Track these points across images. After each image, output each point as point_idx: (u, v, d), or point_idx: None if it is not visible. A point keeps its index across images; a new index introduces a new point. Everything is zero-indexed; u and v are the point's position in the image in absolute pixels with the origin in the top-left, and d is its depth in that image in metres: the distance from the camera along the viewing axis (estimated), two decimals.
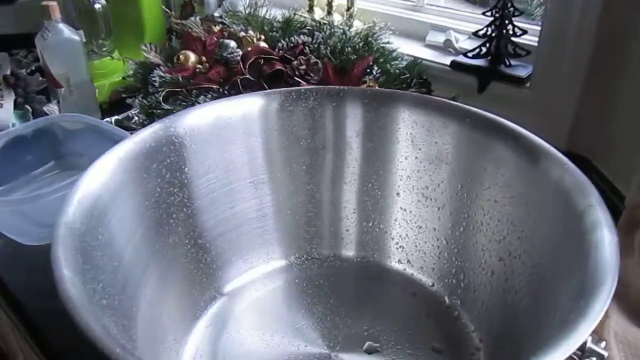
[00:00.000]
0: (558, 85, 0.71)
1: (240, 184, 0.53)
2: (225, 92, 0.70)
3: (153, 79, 0.77)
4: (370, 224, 0.57)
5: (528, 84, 0.74)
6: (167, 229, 0.48)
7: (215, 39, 0.79)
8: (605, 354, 0.30)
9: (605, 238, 0.34)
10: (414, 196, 0.54)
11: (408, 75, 0.73)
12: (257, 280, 0.55)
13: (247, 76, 0.72)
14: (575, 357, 0.30)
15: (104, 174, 0.42)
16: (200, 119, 0.50)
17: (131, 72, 0.84)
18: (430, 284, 0.54)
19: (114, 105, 0.87)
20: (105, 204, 0.41)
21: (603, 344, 0.30)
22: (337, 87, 0.54)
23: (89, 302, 0.31)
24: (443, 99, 0.52)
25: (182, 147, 0.49)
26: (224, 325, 0.50)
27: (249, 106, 0.52)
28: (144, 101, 0.76)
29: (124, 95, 0.85)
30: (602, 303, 0.30)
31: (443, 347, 0.48)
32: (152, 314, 0.44)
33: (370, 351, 0.48)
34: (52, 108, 0.86)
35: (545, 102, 0.72)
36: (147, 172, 0.46)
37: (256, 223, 0.55)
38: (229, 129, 0.52)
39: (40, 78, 0.88)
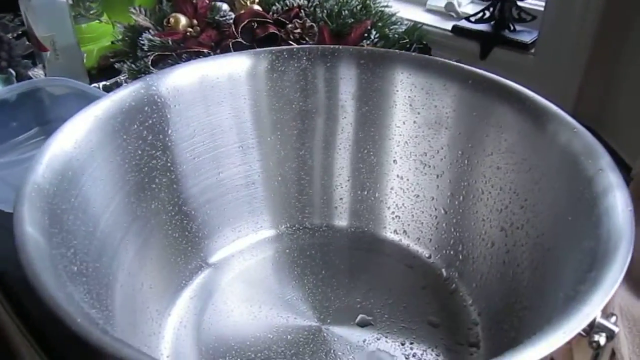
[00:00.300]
0: (564, 52, 0.68)
1: (228, 148, 0.50)
2: None
3: (142, 42, 0.74)
4: (365, 193, 0.54)
5: (533, 50, 0.72)
6: (149, 195, 0.45)
7: (207, 1, 0.76)
8: (616, 329, 0.27)
9: (618, 203, 0.32)
10: (412, 163, 0.52)
11: (407, 40, 0.70)
12: (246, 250, 0.53)
13: (240, 40, 0.69)
14: (583, 333, 0.27)
15: (78, 133, 0.39)
16: (184, 78, 0.47)
17: (120, 36, 0.81)
18: (427, 255, 0.52)
19: (103, 70, 0.84)
20: (80, 165, 0.38)
21: (613, 318, 0.27)
22: (331, 46, 0.51)
23: (53, 266, 0.29)
24: (444, 60, 0.49)
25: (165, 107, 0.46)
26: (209, 296, 0.48)
27: (236, 66, 0.49)
28: (133, 66, 0.73)
29: (112, 60, 0.82)
30: (616, 272, 0.27)
31: (439, 321, 0.46)
32: (132, 284, 0.42)
33: (363, 324, 0.46)
34: (37, 72, 0.83)
35: (551, 70, 0.69)
36: (126, 133, 0.43)
37: (245, 190, 0.52)
38: (215, 90, 0.48)
39: (27, 42, 0.84)
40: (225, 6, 0.74)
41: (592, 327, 0.27)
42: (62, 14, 0.76)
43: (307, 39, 0.68)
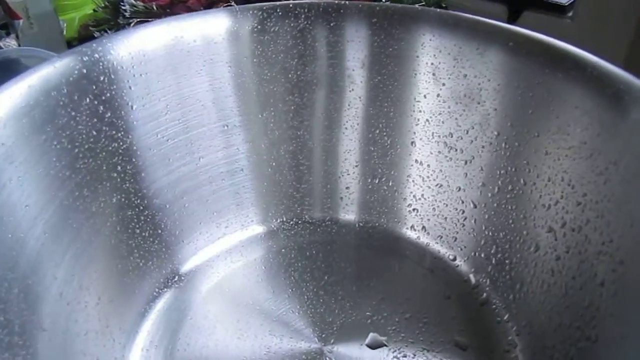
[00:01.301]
0: (607, 16, 0.59)
1: (209, 128, 0.41)
2: None
3: (124, 8, 0.65)
4: (377, 181, 0.45)
5: (570, 14, 0.63)
6: (108, 186, 0.36)
7: None
8: None
9: None
10: (434, 146, 0.42)
11: (424, 3, 0.61)
12: (232, 250, 0.44)
13: (233, 4, 0.60)
14: None
15: (2, 110, 0.30)
16: (152, 41, 0.38)
17: (103, 3, 0.72)
18: (451, 257, 0.43)
19: (84, 41, 0.75)
20: (5, 152, 0.29)
21: None
22: (335, 1, 0.42)
23: None
24: (478, 17, 0.39)
25: (127, 77, 0.37)
26: (186, 309, 0.39)
27: (216, 26, 0.40)
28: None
29: (91, 29, 0.73)
30: None
31: (468, 342, 0.37)
32: (83, 299, 0.33)
33: (374, 346, 0.37)
34: (9, 42, 0.75)
35: (591, 36, 0.60)
36: (75, 109, 0.34)
37: (230, 178, 0.43)
38: (191, 56, 0.39)
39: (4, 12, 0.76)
40: None
41: None
42: None
43: None
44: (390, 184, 0.45)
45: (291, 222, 0.46)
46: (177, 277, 0.41)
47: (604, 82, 0.32)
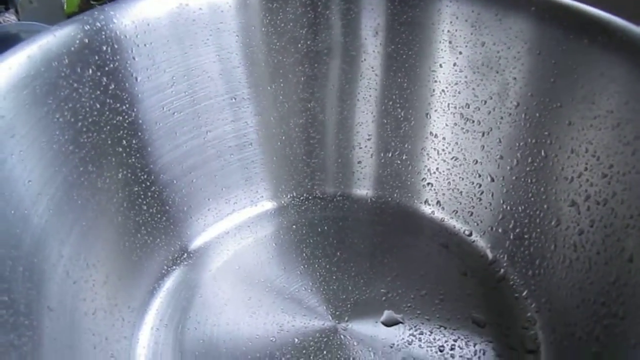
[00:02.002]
0: None
1: (217, 100, 0.40)
2: None
3: None
4: (390, 154, 0.44)
5: None
6: (113, 161, 0.35)
7: None
8: None
9: None
10: (450, 117, 0.41)
11: None
12: (242, 226, 0.43)
13: None
14: None
15: (1, 82, 0.28)
16: (156, 9, 0.36)
17: None
18: (467, 232, 0.42)
19: None
20: (5, 125, 0.28)
21: None
22: None
23: None
24: None
25: (131, 47, 0.35)
26: (196, 287, 0.38)
27: None
28: None
29: (92, 2, 0.71)
30: None
31: (485, 319, 0.36)
32: (91, 277, 0.32)
33: (389, 323, 0.36)
34: (8, 17, 0.73)
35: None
36: (78, 80, 0.32)
37: (239, 153, 0.42)
38: (197, 25, 0.37)
39: None
40: None
41: None
42: None
43: None
44: (404, 157, 0.43)
45: (302, 198, 0.44)
46: (186, 254, 0.40)
47: (634, 47, 0.30)
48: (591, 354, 0.30)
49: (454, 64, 0.39)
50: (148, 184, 0.38)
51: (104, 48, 0.34)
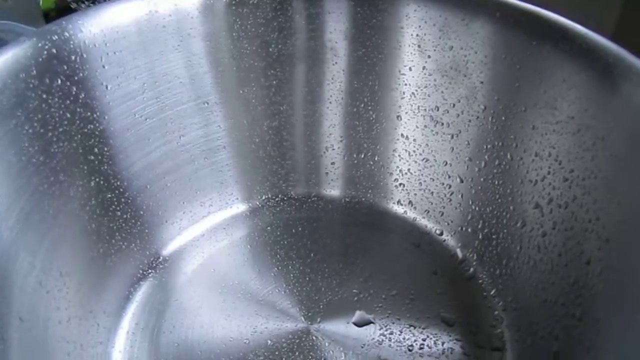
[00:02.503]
0: None
1: (189, 105, 0.40)
2: None
3: None
4: (362, 156, 0.44)
5: None
6: (85, 169, 0.35)
7: None
8: None
9: None
10: (420, 120, 0.41)
11: None
12: (217, 229, 0.43)
13: None
14: None
15: None
16: (123, 17, 0.36)
17: None
18: (439, 232, 0.43)
19: (62, 12, 0.72)
20: None
21: None
22: None
23: None
24: None
25: (100, 56, 0.35)
26: (172, 291, 0.39)
27: None
28: (92, 5, 0.62)
29: (68, 0, 0.71)
30: None
31: (454, 318, 0.37)
32: (64, 285, 0.33)
33: (361, 324, 0.37)
34: None
35: (580, 7, 0.58)
36: (47, 90, 0.32)
37: (214, 156, 0.42)
38: (168, 31, 0.38)
39: None
40: None
41: None
42: None
43: None
44: (376, 158, 0.44)
45: (276, 199, 0.45)
46: (161, 258, 0.41)
47: (593, 55, 0.31)
48: (551, 353, 0.31)
49: (424, 68, 0.40)
50: (121, 190, 0.38)
51: (73, 58, 0.34)
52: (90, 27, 0.34)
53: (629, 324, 0.23)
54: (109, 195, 0.37)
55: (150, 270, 0.40)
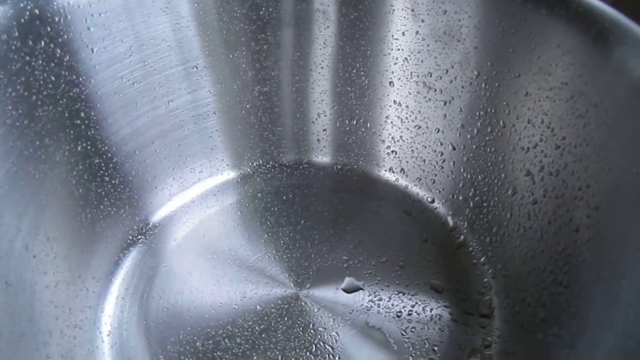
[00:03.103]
0: None
1: (178, 70, 0.39)
2: None
3: None
4: (354, 122, 0.44)
5: None
6: (71, 134, 0.35)
7: None
8: None
9: None
10: (413, 86, 0.41)
11: None
12: (207, 195, 0.43)
13: None
14: None
15: None
16: None
17: None
18: (430, 199, 0.42)
19: None
20: None
21: None
22: None
23: None
24: None
25: (84, 17, 0.34)
26: (161, 257, 0.39)
27: None
28: None
29: None
30: None
31: (443, 285, 0.37)
32: (53, 250, 0.33)
33: (350, 290, 0.37)
34: None
35: None
36: (30, 53, 0.32)
37: (204, 122, 0.42)
38: None
39: None
40: None
41: None
42: None
43: None
44: (368, 125, 0.43)
45: (267, 166, 0.45)
46: (151, 224, 0.41)
47: (589, 19, 0.30)
48: (538, 320, 0.31)
49: (417, 32, 0.39)
50: (109, 155, 0.37)
51: (57, 19, 0.33)
52: None
53: (614, 290, 0.23)
54: (97, 161, 0.37)
55: (140, 236, 0.40)
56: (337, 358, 0.33)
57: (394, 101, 0.42)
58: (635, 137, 0.26)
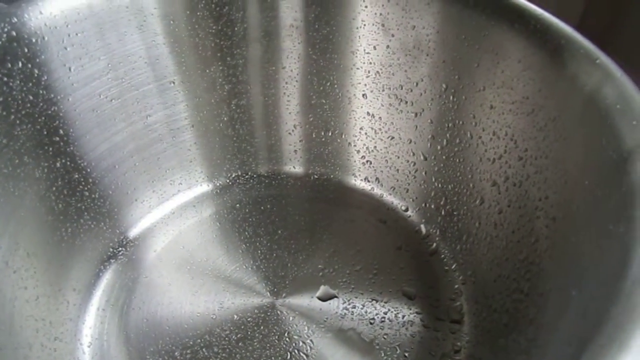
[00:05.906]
0: None
1: (155, 85, 0.40)
2: None
3: None
4: (330, 133, 0.45)
5: None
6: (51, 151, 0.36)
7: None
8: None
9: None
10: (385, 98, 0.42)
11: None
12: (186, 207, 0.44)
13: None
14: None
15: None
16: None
17: None
18: (404, 208, 0.44)
19: None
20: None
21: None
22: None
23: None
24: None
25: (61, 37, 0.35)
26: (141, 268, 0.40)
27: None
28: None
29: None
30: None
31: (415, 292, 0.38)
32: (32, 266, 0.33)
33: (325, 298, 0.38)
34: None
35: None
36: (7, 74, 0.33)
37: (182, 135, 0.43)
38: (129, 11, 0.37)
39: None
40: None
41: None
42: None
43: None
44: (343, 136, 0.45)
45: (245, 177, 0.46)
46: (131, 236, 0.41)
47: (546, 36, 0.31)
48: (502, 325, 0.32)
49: (387, 46, 0.40)
50: (89, 170, 0.38)
51: (34, 40, 0.34)
52: (50, 9, 0.34)
53: (565, 299, 0.25)
54: (76, 176, 0.38)
55: (120, 249, 0.41)
56: None
57: (368, 113, 0.43)
58: (587, 150, 0.27)
